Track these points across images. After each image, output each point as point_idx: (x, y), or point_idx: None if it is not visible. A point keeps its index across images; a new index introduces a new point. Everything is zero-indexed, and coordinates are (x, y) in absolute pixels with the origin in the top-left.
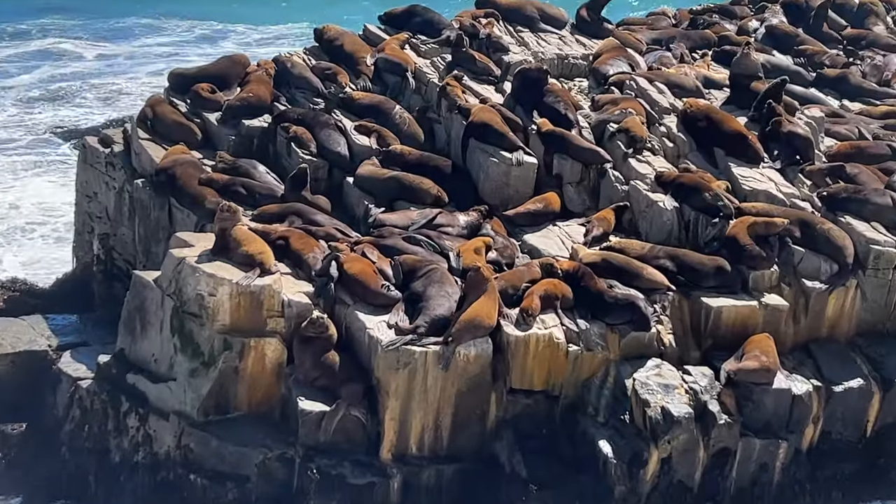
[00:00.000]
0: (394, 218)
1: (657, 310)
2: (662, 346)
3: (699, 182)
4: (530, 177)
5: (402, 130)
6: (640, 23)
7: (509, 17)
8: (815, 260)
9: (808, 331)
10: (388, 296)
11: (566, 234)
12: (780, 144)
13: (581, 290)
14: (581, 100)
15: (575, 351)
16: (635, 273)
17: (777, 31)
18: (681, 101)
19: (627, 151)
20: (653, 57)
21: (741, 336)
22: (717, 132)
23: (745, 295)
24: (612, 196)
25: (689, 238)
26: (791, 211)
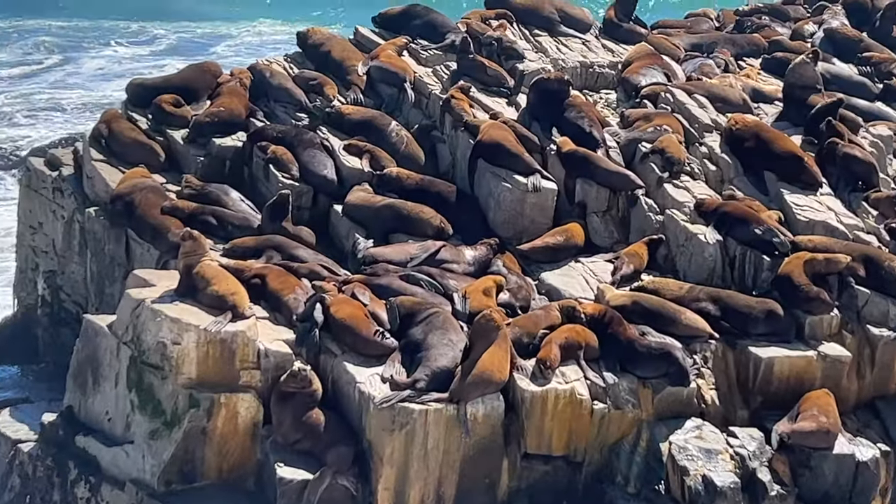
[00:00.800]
0: (389, 253)
1: (697, 361)
2: (704, 404)
3: (747, 212)
4: (549, 205)
5: (399, 150)
6: (678, 26)
7: (525, 19)
8: (882, 303)
9: (875, 386)
10: (381, 344)
11: (590, 273)
12: (837, 169)
13: (608, 337)
14: (608, 115)
15: (601, 409)
16: (671, 318)
17: (838, 35)
18: (725, 116)
19: (662, 175)
20: (692, 65)
21: (796, 392)
22: (767, 153)
23: (800, 344)
24: (645, 228)
25: (735, 277)
26: (854, 245)
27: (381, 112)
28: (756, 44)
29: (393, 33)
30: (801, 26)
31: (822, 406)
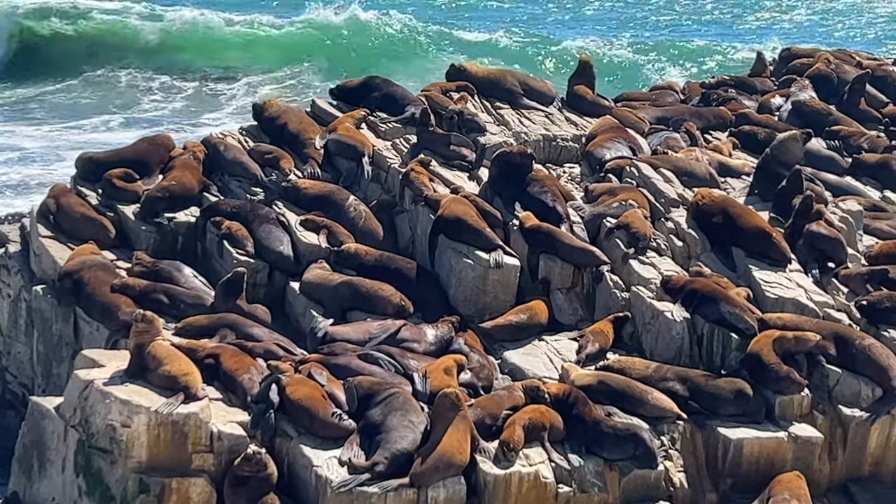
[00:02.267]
0: (347, 331)
1: (665, 443)
2: (672, 487)
3: (715, 289)
4: (511, 282)
5: (358, 226)
6: (643, 98)
7: (486, 92)
8: (854, 382)
9: (848, 468)
10: (339, 426)
11: (555, 351)
12: (804, 247)
13: (573, 418)
14: (572, 189)
15: (566, 493)
16: (638, 398)
17: (806, 108)
18: (691, 191)
19: (628, 251)
20: (658, 139)
21: (766, 475)
22: (734, 229)
23: (770, 425)
24: (611, 305)
25: (703, 356)
26: (825, 323)
27: (339, 186)
28: (722, 117)
29: (351, 105)
30: (769, 99)
31: (793, 489)
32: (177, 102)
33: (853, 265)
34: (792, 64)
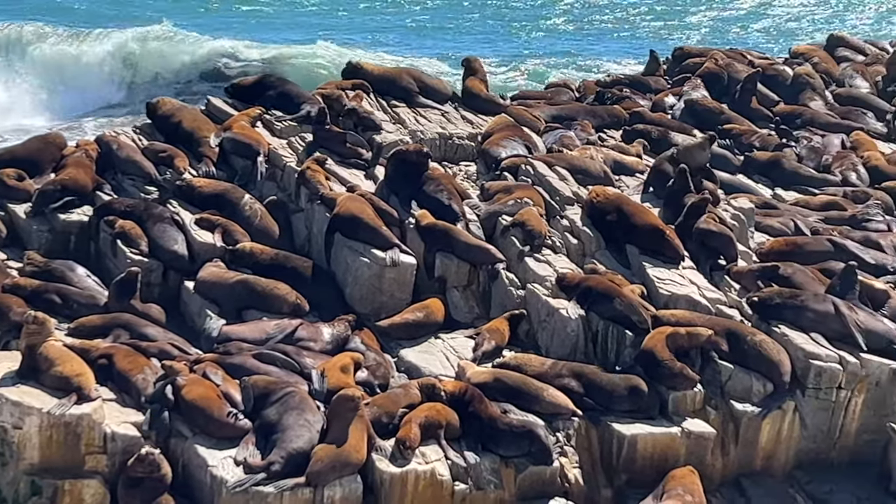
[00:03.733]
0: (243, 331)
1: (560, 439)
2: (567, 483)
3: (609, 286)
4: (408, 280)
5: (253, 224)
6: (538, 97)
7: (382, 90)
8: (745, 378)
9: (739, 463)
10: (234, 426)
11: (451, 349)
12: (695, 244)
13: (469, 416)
14: (468, 188)
15: (462, 490)
16: (534, 395)
17: (698, 107)
18: (586, 189)
19: (523, 249)
20: (553, 137)
21: (660, 470)
22: (628, 226)
23: (664, 420)
24: (506, 303)
25: (598, 353)
26: (717, 320)
27: (234, 185)
28: (617, 115)
29: (246, 104)
30: (662, 98)
31: (686, 484)
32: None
33: (745, 262)
34: (685, 63)
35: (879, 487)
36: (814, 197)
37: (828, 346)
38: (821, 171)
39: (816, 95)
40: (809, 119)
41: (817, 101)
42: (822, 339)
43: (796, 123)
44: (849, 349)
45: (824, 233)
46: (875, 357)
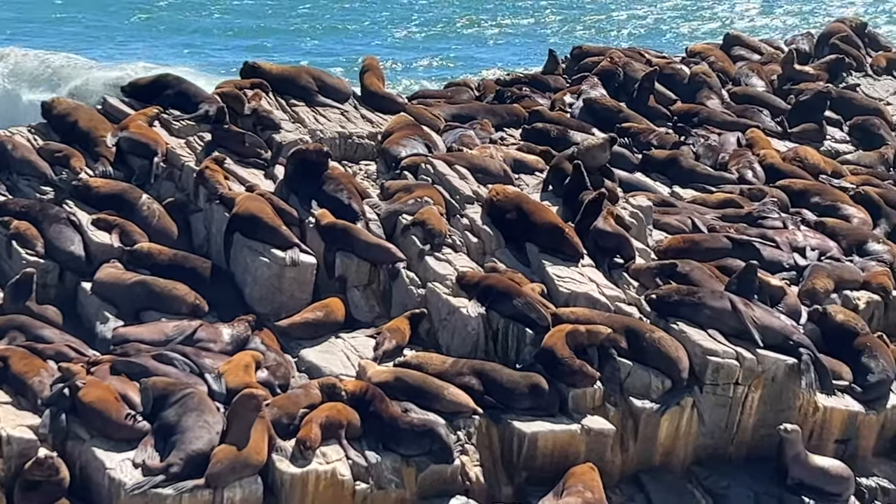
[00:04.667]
0: (141, 332)
1: (461, 437)
2: (468, 481)
3: (509, 285)
4: (308, 279)
5: (151, 225)
6: (438, 96)
7: (281, 89)
8: (644, 375)
9: (639, 459)
10: (133, 428)
11: (352, 349)
12: (590, 243)
13: (370, 415)
14: (368, 187)
15: (363, 489)
16: (435, 394)
17: (597, 105)
18: (486, 188)
19: (424, 248)
20: (452, 136)
21: (561, 467)
22: (528, 225)
23: (564, 418)
24: (407, 302)
25: (499, 351)
26: (616, 317)
27: (132, 185)
28: (516, 114)
29: (143, 103)
30: (561, 97)
31: (586, 481)
32: None
33: (643, 260)
34: (583, 62)
35: (776, 482)
36: (711, 195)
37: (725, 342)
38: (717, 169)
39: (713, 94)
40: (706, 117)
41: (714, 99)
42: (719, 336)
43: (693, 122)
44: (746, 345)
45: (721, 230)
46: (771, 353)
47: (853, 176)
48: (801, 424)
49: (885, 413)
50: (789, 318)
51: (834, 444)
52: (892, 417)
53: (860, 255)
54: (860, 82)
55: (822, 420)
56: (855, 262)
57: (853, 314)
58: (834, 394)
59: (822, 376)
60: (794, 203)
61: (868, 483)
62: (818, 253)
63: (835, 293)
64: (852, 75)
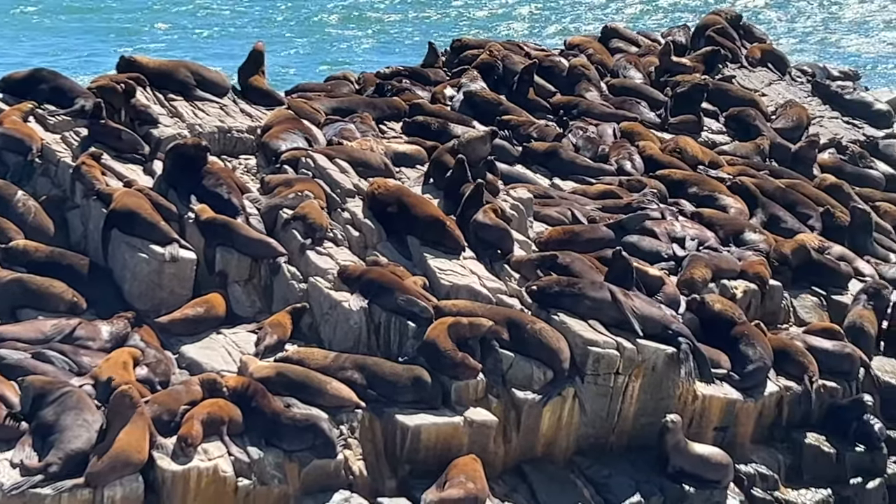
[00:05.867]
0: (18, 331)
1: (344, 432)
2: (351, 476)
3: (391, 278)
4: (188, 275)
5: (27, 222)
6: (318, 89)
7: (158, 83)
8: (526, 366)
9: (521, 450)
10: (10, 427)
11: (233, 344)
12: (471, 236)
13: (252, 411)
14: (248, 181)
15: (246, 485)
16: (317, 388)
17: (477, 98)
18: (367, 181)
19: (305, 242)
20: (333, 130)
21: (444, 459)
22: (409, 218)
23: (446, 410)
24: (289, 296)
25: (381, 345)
26: (497, 309)
27: (6, 181)
28: (397, 107)
29: (18, 98)
30: (441, 90)
31: (469, 472)
32: None
33: (524, 252)
34: (463, 55)
35: (657, 470)
36: (591, 186)
37: (605, 332)
38: (597, 160)
39: (592, 86)
40: (585, 110)
41: (593, 91)
42: (599, 326)
43: (573, 114)
44: (626, 335)
45: (601, 221)
46: (651, 343)
47: (730, 166)
48: (681, 413)
49: (763, 400)
50: (668, 308)
51: (713, 432)
52: (769, 405)
53: (737, 245)
54: (736, 74)
55: (701, 408)
56: (732, 252)
57: (730, 303)
58: (712, 382)
59: (700, 365)
60: (672, 193)
61: (746, 470)
62: (697, 243)
63: (712, 283)
64: (728, 67)
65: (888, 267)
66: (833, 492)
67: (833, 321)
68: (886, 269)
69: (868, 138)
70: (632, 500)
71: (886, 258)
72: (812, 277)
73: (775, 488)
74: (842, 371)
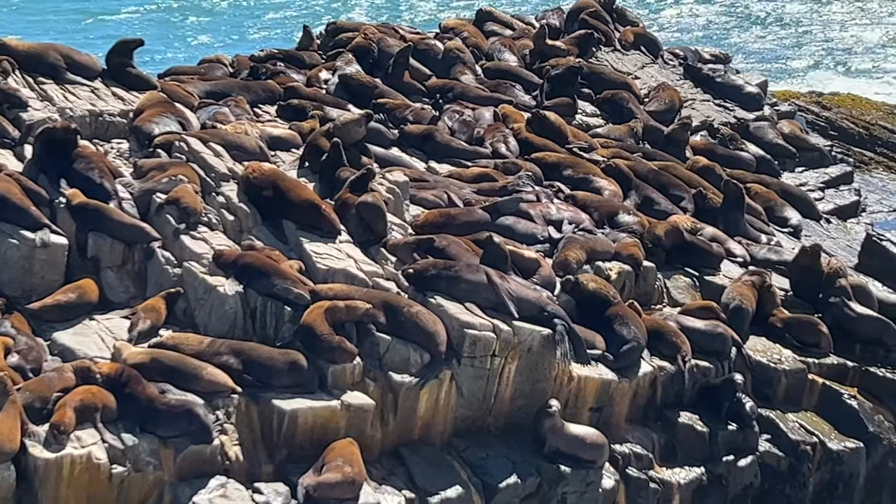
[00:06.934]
0: None
1: (220, 417)
2: (228, 461)
3: (266, 262)
4: (59, 261)
5: None
6: (191, 72)
7: (27, 66)
8: (403, 349)
9: (399, 433)
10: None
11: (107, 330)
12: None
13: (126, 397)
14: (121, 165)
15: (121, 472)
16: (192, 374)
17: (352, 81)
18: (242, 165)
19: (179, 227)
20: (207, 113)
21: (321, 443)
22: (285, 202)
23: (323, 394)
24: (163, 281)
25: (257, 329)
26: (374, 293)
27: None
28: (271, 90)
29: None
30: (316, 73)
31: (346, 456)
32: None
33: (400, 235)
34: (338, 38)
35: (533, 451)
36: (467, 169)
37: (482, 315)
38: (473, 143)
39: (467, 69)
40: (461, 93)
41: (468, 74)
42: (476, 309)
43: (448, 97)
44: (502, 317)
45: (477, 204)
46: (527, 324)
47: (604, 149)
48: (557, 394)
49: (637, 380)
50: (544, 290)
51: (589, 412)
52: (643, 384)
53: (611, 227)
54: (609, 57)
55: (576, 389)
56: (606, 234)
57: (605, 284)
58: (588, 363)
59: (576, 346)
60: (547, 176)
61: (622, 449)
62: (572, 225)
63: (587, 264)
64: (601, 50)
65: (759, 248)
66: (706, 470)
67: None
68: (757, 249)
69: (739, 121)
70: (508, 481)
71: (758, 239)
72: (685, 258)
73: (650, 467)
74: (714, 351)
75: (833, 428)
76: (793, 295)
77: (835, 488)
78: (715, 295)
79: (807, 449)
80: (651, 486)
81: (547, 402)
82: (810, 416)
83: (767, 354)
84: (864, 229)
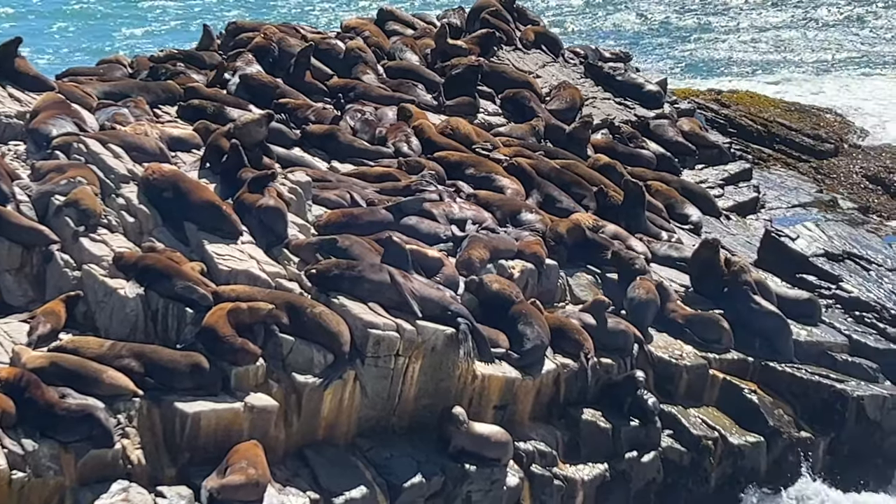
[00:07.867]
0: None
1: (122, 421)
2: (130, 465)
3: (168, 264)
4: None
5: None
6: (90, 73)
7: None
8: (307, 350)
9: (303, 434)
10: None
11: (5, 335)
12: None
13: (26, 402)
14: (18, 167)
15: (20, 478)
16: (93, 377)
17: (253, 81)
18: (142, 166)
19: (78, 229)
20: (105, 114)
21: (224, 445)
22: (186, 203)
23: (227, 396)
24: (62, 285)
25: (159, 332)
26: (277, 293)
27: None
28: (172, 91)
29: None
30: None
31: (250, 458)
32: None
33: (303, 235)
34: (239, 38)
35: (438, 450)
36: (370, 169)
37: (385, 314)
38: (375, 143)
39: (369, 69)
40: (363, 92)
41: (370, 74)
42: (379, 309)
43: (350, 96)
44: (405, 317)
45: (380, 203)
46: (430, 323)
47: (506, 148)
48: (461, 392)
49: (541, 378)
50: (447, 289)
51: (493, 411)
52: (546, 382)
53: (514, 225)
54: (510, 56)
55: (480, 387)
56: (509, 233)
57: (509, 284)
58: (492, 361)
59: (479, 345)
60: (450, 175)
61: (526, 447)
62: (475, 225)
63: (490, 263)
64: (503, 49)
65: (660, 245)
66: (609, 466)
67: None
68: (658, 246)
69: (639, 118)
70: (413, 481)
71: (658, 236)
72: (587, 256)
73: (554, 464)
74: (617, 347)
75: (734, 422)
76: (693, 291)
77: (736, 482)
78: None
79: (708, 444)
80: (555, 483)
81: (452, 408)
82: (712, 411)
83: (669, 350)
84: (763, 225)
